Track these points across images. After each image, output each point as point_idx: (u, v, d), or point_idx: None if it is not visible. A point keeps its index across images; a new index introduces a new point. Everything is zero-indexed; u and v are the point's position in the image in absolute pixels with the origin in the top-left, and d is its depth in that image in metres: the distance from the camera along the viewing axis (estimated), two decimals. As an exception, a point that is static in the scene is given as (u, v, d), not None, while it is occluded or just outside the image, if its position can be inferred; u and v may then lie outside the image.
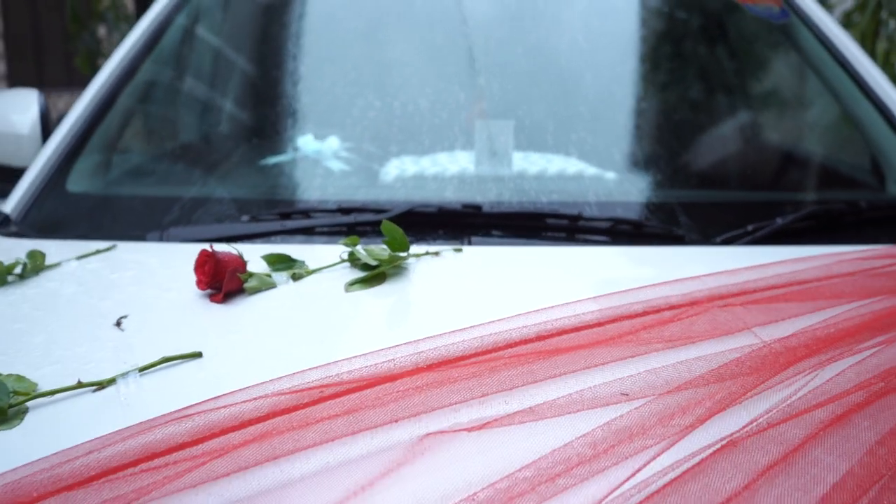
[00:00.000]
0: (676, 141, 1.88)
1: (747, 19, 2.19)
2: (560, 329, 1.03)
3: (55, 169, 1.76)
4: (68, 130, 1.83)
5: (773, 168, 1.90)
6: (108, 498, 0.76)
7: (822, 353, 0.98)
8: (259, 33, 2.24)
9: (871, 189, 1.87)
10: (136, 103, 2.00)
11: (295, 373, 0.92)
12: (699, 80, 2.10)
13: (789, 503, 0.74)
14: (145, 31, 2.05)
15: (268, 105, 2.07)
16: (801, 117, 2.08)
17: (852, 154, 2.00)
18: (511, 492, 0.76)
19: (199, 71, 2.20)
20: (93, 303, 1.20)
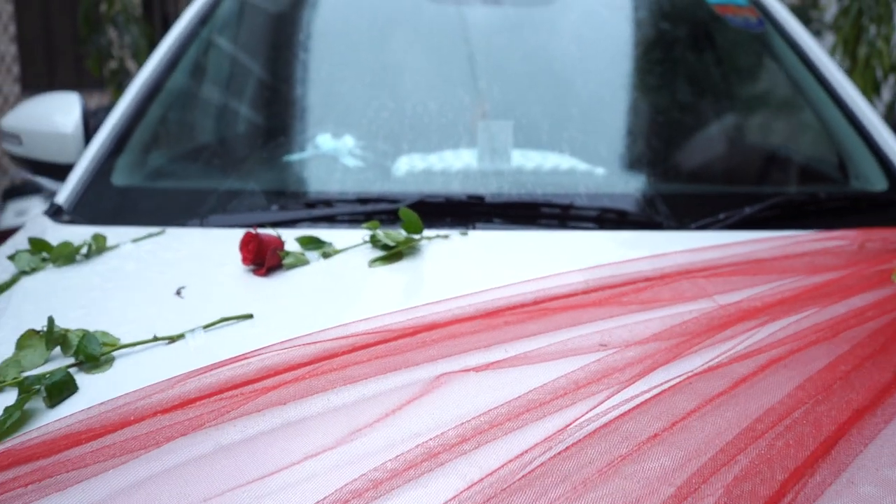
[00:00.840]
0: (659, 140, 2.08)
1: (726, 29, 2.39)
2: (551, 295, 1.23)
3: (100, 165, 1.95)
4: (110, 132, 2.03)
5: (745, 164, 2.10)
6: (187, 419, 0.96)
7: (766, 314, 1.18)
8: (278, 43, 2.43)
9: (837, 183, 2.07)
10: (169, 107, 2.20)
11: (332, 328, 1.12)
12: (680, 86, 2.29)
13: (732, 423, 0.95)
14: (174, 43, 2.25)
15: (287, 107, 2.27)
16: (773, 118, 2.27)
17: (821, 151, 2.20)
18: (510, 415, 0.96)
19: (223, 77, 2.39)
20: (153, 276, 1.40)
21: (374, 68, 2.28)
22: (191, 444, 0.93)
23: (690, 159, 2.05)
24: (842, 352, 1.10)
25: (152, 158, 2.10)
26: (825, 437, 0.93)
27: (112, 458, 0.92)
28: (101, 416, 0.97)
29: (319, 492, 0.85)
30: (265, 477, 0.88)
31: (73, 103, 2.23)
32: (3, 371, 1.08)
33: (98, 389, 1.05)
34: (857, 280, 1.31)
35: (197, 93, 2.32)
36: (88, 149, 2.01)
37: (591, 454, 0.89)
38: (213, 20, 2.37)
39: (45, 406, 1.03)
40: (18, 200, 5.35)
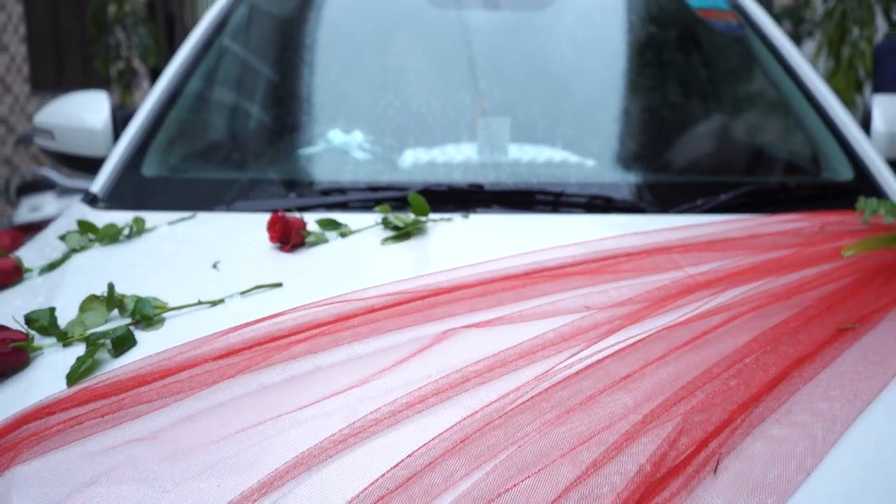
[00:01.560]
0: (644, 135, 2.26)
1: (709, 32, 2.56)
2: (543, 266, 1.41)
3: (131, 158, 2.13)
4: (138, 128, 2.20)
5: (723, 156, 2.27)
6: (233, 364, 1.14)
7: (729, 282, 1.36)
8: (290, 46, 2.60)
9: (809, 174, 2.25)
10: (191, 105, 2.37)
11: (351, 293, 1.30)
12: (665, 85, 2.47)
13: (693, 367, 1.12)
14: (193, 47, 2.42)
15: (300, 105, 2.44)
16: (751, 114, 2.45)
17: (795, 145, 2.37)
18: (505, 361, 1.14)
19: (240, 79, 2.57)
20: (190, 253, 1.58)
21: (381, 69, 2.45)
22: (237, 385, 1.11)
23: (673, 152, 2.23)
24: (791, 313, 1.28)
25: (177, 152, 2.28)
26: (770, 378, 1.11)
27: (171, 395, 1.10)
28: (161, 363, 1.14)
29: (347, 419, 1.02)
30: (301, 409, 1.06)
31: (102, 101, 2.41)
32: (71, 329, 1.26)
33: (153, 343, 1.23)
34: (811, 255, 1.49)
35: (216, 93, 2.49)
36: (119, 143, 2.18)
37: (575, 389, 1.07)
38: (228, 26, 2.54)
39: (109, 357, 1.20)
40: (32, 196, 5.53)
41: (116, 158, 2.14)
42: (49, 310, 1.28)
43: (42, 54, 7.83)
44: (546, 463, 0.96)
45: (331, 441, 0.99)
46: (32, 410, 1.07)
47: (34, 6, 7.73)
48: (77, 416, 1.07)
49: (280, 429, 1.03)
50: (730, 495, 0.94)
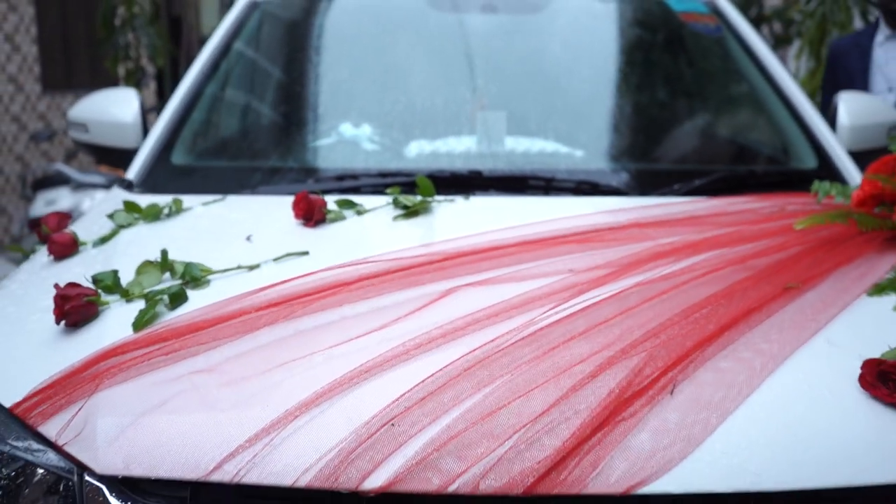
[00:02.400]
0: (628, 127, 2.48)
1: (689, 33, 2.78)
2: (534, 238, 1.63)
3: (161, 149, 2.34)
4: (166, 123, 2.41)
5: (700, 147, 2.49)
6: (273, 313, 1.36)
7: (693, 250, 1.58)
8: (302, 49, 2.81)
9: (778, 162, 2.47)
10: (212, 103, 2.58)
11: (370, 258, 1.52)
12: (648, 83, 2.69)
13: (657, 316, 1.34)
14: (213, 51, 2.63)
15: (312, 102, 2.65)
16: (727, 109, 2.67)
17: (767, 137, 2.59)
18: (500, 311, 1.36)
19: (256, 79, 2.78)
20: (225, 228, 1.80)
21: (387, 68, 2.67)
22: (277, 330, 1.33)
23: (654, 143, 2.45)
24: (745, 275, 1.50)
25: (202, 143, 2.50)
26: (722, 325, 1.33)
27: (223, 338, 1.32)
28: (212, 312, 1.37)
29: (370, 355, 1.24)
30: (332, 347, 1.28)
31: (131, 98, 2.62)
32: (131, 288, 1.48)
33: (201, 300, 1.44)
34: (768, 228, 1.71)
35: (235, 91, 2.70)
36: (149, 136, 2.40)
37: (559, 332, 1.29)
38: (244, 30, 2.75)
39: (166, 310, 1.42)
40: (47, 191, 5.74)
41: (148, 149, 2.35)
42: (113, 272, 1.50)
43: (52, 55, 8.05)
44: (534, 386, 1.18)
45: (358, 371, 1.22)
46: (110, 349, 1.30)
47: (45, 8, 7.94)
48: (146, 353, 1.29)
49: (315, 363, 1.25)
50: (682, 412, 1.16)
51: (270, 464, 1.12)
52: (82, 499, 1.16)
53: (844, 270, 1.57)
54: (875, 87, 3.67)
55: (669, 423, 1.15)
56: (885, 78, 3.67)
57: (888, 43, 3.65)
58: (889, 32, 3.64)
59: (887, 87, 3.67)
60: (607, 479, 1.10)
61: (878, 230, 1.70)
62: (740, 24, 2.74)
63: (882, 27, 3.66)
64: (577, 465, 1.10)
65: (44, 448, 1.20)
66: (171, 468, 1.13)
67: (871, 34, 3.72)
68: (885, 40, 3.65)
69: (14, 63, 7.47)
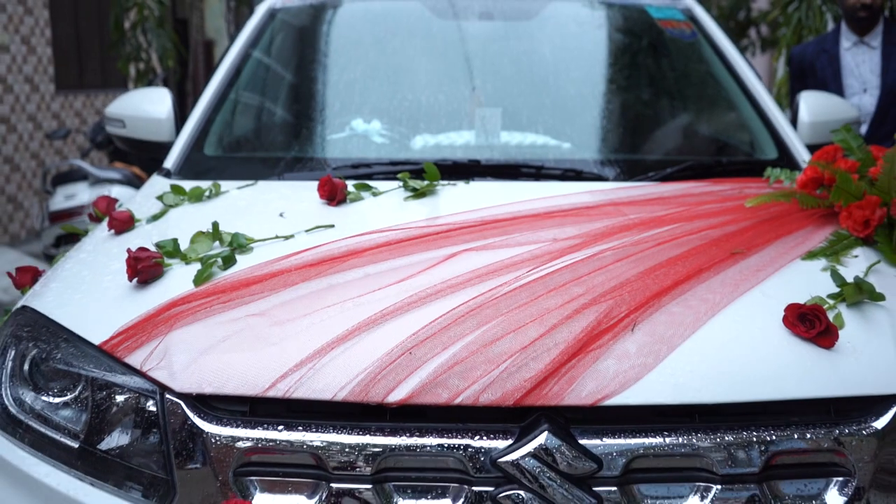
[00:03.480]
0: (610, 122, 2.77)
1: (666, 38, 3.08)
2: (524, 213, 1.92)
3: (194, 142, 2.64)
4: (198, 119, 2.70)
5: (674, 139, 2.79)
6: (308, 271, 1.66)
7: (657, 223, 1.88)
8: (317, 53, 3.10)
9: (743, 153, 2.76)
10: (237, 102, 2.87)
11: (385, 228, 1.81)
12: (629, 83, 2.99)
13: (621, 274, 1.64)
14: (236, 56, 2.91)
15: (326, 100, 2.95)
16: (699, 105, 2.97)
17: (735, 130, 2.89)
18: (494, 269, 1.65)
19: (275, 80, 3.07)
20: (259, 207, 2.10)
21: (393, 70, 2.97)
22: (313, 284, 1.63)
23: (633, 135, 2.75)
24: (699, 243, 1.79)
25: (231, 137, 2.79)
26: (676, 280, 1.63)
27: (269, 290, 1.61)
28: (258, 271, 1.67)
29: (390, 302, 1.54)
30: (359, 297, 1.57)
31: (165, 96, 2.91)
32: (189, 252, 1.77)
33: (248, 262, 1.74)
34: (724, 206, 2.01)
35: (257, 91, 3.00)
36: (183, 131, 2.69)
37: (543, 285, 1.59)
38: (264, 37, 3.05)
39: (219, 270, 1.72)
40: (66, 186, 6.03)
41: (182, 143, 2.64)
42: (173, 240, 1.80)
43: (65, 56, 8.33)
44: (522, 325, 1.48)
45: (380, 314, 1.52)
46: (178, 299, 1.60)
47: (58, 12, 8.23)
48: (208, 302, 1.59)
49: (346, 308, 1.55)
50: (640, 344, 1.46)
51: (314, 383, 1.41)
52: (164, 413, 1.46)
53: (785, 240, 1.86)
54: (849, 89, 3.97)
55: (630, 352, 1.45)
56: (858, 80, 3.97)
57: (855, 48, 3.95)
58: (855, 39, 3.94)
59: (862, 88, 3.98)
60: (579, 393, 1.40)
61: (817, 208, 2.01)
62: (713, 29, 3.04)
63: (847, 34, 3.96)
64: (556, 383, 1.40)
65: (130, 374, 1.50)
66: (234, 387, 1.43)
67: (834, 40, 4.01)
68: (851, 46, 3.95)
69: (30, 64, 7.76)
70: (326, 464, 1.41)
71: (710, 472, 1.42)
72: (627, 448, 1.40)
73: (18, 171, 7.64)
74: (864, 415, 1.45)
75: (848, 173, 1.98)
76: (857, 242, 1.87)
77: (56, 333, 1.63)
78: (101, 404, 1.52)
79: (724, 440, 1.41)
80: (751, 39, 9.63)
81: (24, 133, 7.70)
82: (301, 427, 1.42)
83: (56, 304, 1.71)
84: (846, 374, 1.46)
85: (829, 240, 1.87)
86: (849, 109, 2.97)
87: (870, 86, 3.98)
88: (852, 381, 1.46)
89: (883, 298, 1.62)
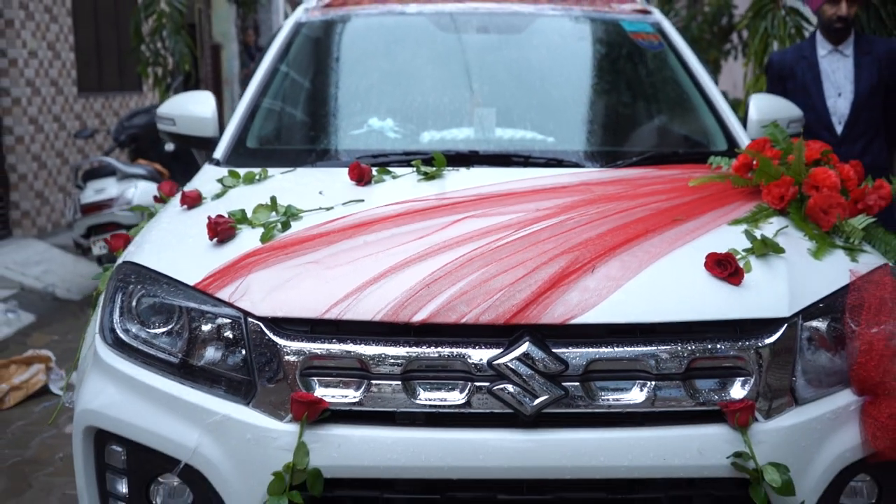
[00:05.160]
0: (587, 120, 3.30)
1: (637, 48, 3.60)
2: (515, 190, 2.45)
3: (239, 136, 3.15)
4: (240, 117, 3.22)
5: (641, 134, 3.31)
6: (347, 232, 2.18)
7: (617, 198, 2.40)
8: (336, 63, 3.61)
9: (699, 146, 3.27)
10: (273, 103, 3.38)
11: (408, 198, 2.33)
12: (605, 86, 3.51)
13: (584, 233, 2.16)
14: (270, 63, 3.42)
15: (347, 102, 3.46)
16: (664, 105, 3.49)
17: (694, 127, 3.40)
18: (489, 230, 2.18)
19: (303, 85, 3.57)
20: (300, 187, 2.61)
21: (404, 76, 3.48)
22: (352, 241, 2.15)
23: (606, 131, 3.28)
24: (649, 213, 2.31)
25: (268, 131, 3.31)
26: (627, 238, 2.15)
27: (320, 245, 2.13)
28: (309, 232, 2.19)
29: (412, 252, 2.06)
30: (387, 250, 2.09)
31: (209, 98, 3.42)
32: (253, 219, 2.29)
33: (299, 226, 2.25)
34: (672, 186, 2.53)
35: (289, 94, 3.51)
36: (228, 127, 3.20)
37: (523, 242, 2.11)
38: (292, 48, 3.55)
39: (278, 232, 2.23)
40: (96, 181, 6.55)
41: (228, 137, 3.16)
42: (241, 209, 2.31)
43: (86, 61, 8.85)
44: (510, 268, 2.01)
45: (405, 261, 2.04)
46: (251, 251, 2.12)
47: (80, 19, 8.75)
48: (274, 254, 2.11)
49: (380, 257, 2.07)
50: (597, 281, 1.98)
51: (357, 309, 1.94)
52: (247, 332, 1.98)
53: (717, 211, 2.39)
54: (826, 92, 4.43)
55: (590, 286, 1.97)
56: (833, 85, 4.43)
57: (830, 56, 4.42)
58: (830, 48, 4.41)
59: (837, 92, 4.44)
60: (553, 315, 1.92)
61: (745, 187, 2.53)
62: (678, 41, 3.57)
63: (823, 42, 4.41)
64: (535, 307, 1.92)
65: (221, 306, 2.02)
66: (300, 312, 1.95)
67: (811, 48, 4.46)
68: (827, 53, 4.43)
69: (55, 68, 8.27)
70: (368, 366, 1.93)
71: (648, 372, 1.94)
72: (587, 354, 1.93)
73: (45, 169, 8.16)
74: (760, 333, 1.98)
75: (769, 159, 2.50)
76: (774, 213, 2.39)
77: (156, 279, 2.14)
78: (197, 328, 2.04)
79: (658, 349, 1.94)
80: (733, 44, 10.15)
81: (49, 133, 8.21)
82: (349, 340, 1.94)
83: (152, 258, 2.23)
84: (748, 304, 1.99)
85: (752, 211, 2.39)
86: (791, 109, 3.48)
87: (844, 90, 4.41)
88: (752, 308, 1.99)
89: (783, 251, 2.14)
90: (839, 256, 2.22)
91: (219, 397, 2.00)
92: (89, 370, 2.19)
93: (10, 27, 7.65)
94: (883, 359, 1.99)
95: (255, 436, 1.95)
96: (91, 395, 2.13)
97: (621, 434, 1.93)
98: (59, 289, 6.89)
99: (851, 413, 2.01)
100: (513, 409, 1.91)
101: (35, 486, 3.80)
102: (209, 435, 1.98)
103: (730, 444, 1.92)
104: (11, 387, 4.67)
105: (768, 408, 1.96)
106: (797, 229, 2.33)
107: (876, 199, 2.45)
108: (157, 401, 2.04)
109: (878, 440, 1.97)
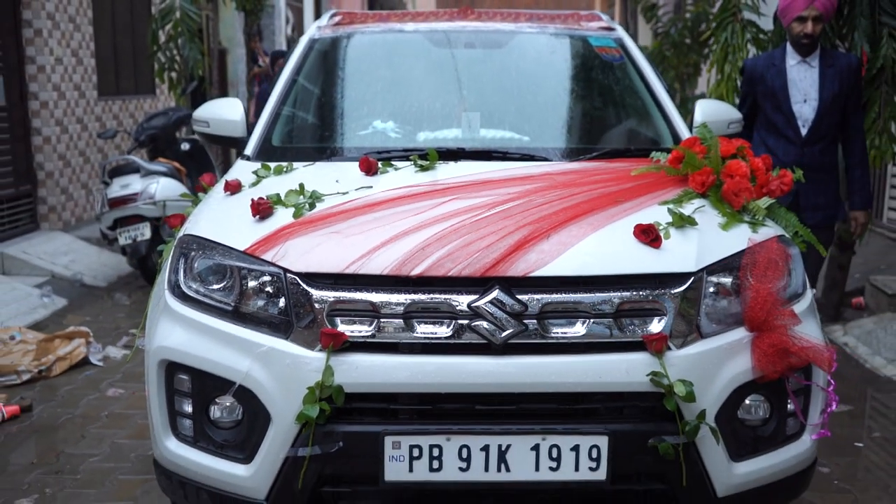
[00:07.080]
0: (558, 122, 3.93)
1: (601, 61, 4.23)
2: (493, 178, 3.08)
3: (266, 136, 3.79)
4: (266, 120, 3.85)
5: (602, 134, 3.94)
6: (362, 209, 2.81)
7: (575, 185, 3.03)
8: (345, 74, 4.25)
9: (652, 143, 3.90)
10: (293, 109, 4.01)
11: (408, 184, 2.97)
12: (573, 94, 4.14)
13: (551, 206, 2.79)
14: (289, 74, 4.06)
15: (355, 108, 4.09)
16: (623, 110, 4.12)
17: (648, 129, 4.03)
18: (473, 208, 2.81)
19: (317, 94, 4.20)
20: (320, 178, 3.24)
21: (403, 85, 4.12)
22: (365, 216, 2.78)
23: (573, 131, 3.91)
24: (596, 195, 2.94)
25: (288, 132, 3.95)
26: (576, 214, 2.78)
27: (339, 220, 2.77)
28: (330, 210, 2.82)
29: (411, 224, 2.70)
30: (393, 223, 2.72)
31: (238, 104, 4.05)
32: (286, 201, 2.92)
33: (322, 206, 2.89)
34: (618, 174, 3.17)
35: (306, 101, 4.14)
36: (256, 129, 3.83)
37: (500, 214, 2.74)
38: (307, 61, 4.19)
39: (306, 210, 2.86)
40: (122, 177, 7.18)
41: (256, 137, 3.79)
42: (276, 193, 2.94)
43: (106, 66, 9.48)
44: (486, 235, 2.64)
45: (406, 230, 2.67)
46: (287, 225, 2.76)
47: (100, 27, 9.38)
48: (304, 226, 2.75)
49: (386, 228, 2.70)
50: (551, 244, 2.62)
51: (371, 265, 2.57)
52: (286, 285, 2.61)
53: (652, 194, 3.02)
54: (793, 98, 5.03)
55: (545, 249, 2.60)
56: (800, 92, 5.05)
57: (799, 66, 5.03)
58: (799, 59, 5.03)
59: (803, 98, 5.05)
60: (517, 269, 2.55)
61: (676, 175, 3.16)
62: (636, 54, 4.21)
63: (792, 53, 5.02)
64: (503, 263, 2.56)
65: (266, 265, 2.65)
66: (327, 268, 2.59)
67: (781, 58, 5.05)
68: (796, 63, 5.04)
69: (78, 73, 8.89)
70: (377, 308, 2.56)
71: (588, 312, 2.57)
72: (542, 299, 2.56)
73: (69, 167, 8.79)
74: (673, 283, 2.61)
75: (695, 153, 3.14)
76: (696, 196, 3.03)
77: (213, 246, 2.78)
78: (245, 283, 2.68)
79: (596, 296, 2.57)
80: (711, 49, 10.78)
81: (73, 133, 8.85)
82: (363, 289, 2.58)
83: (208, 230, 2.86)
84: (664, 261, 2.63)
85: (679, 194, 3.03)
86: (731, 112, 4.11)
87: (809, 97, 5.02)
88: (667, 265, 2.62)
89: (696, 223, 2.78)
90: (743, 229, 2.86)
91: (264, 333, 2.63)
92: (160, 318, 2.82)
93: (39, 36, 8.27)
94: (767, 303, 2.63)
95: (292, 362, 2.58)
96: (163, 336, 2.77)
97: (568, 359, 2.56)
98: (87, 276, 7.52)
99: (744, 345, 2.65)
100: (486, 340, 2.54)
101: (87, 437, 4.44)
102: (257, 362, 2.61)
103: (649, 367, 2.55)
104: (57, 357, 5.31)
105: (680, 340, 2.60)
106: (713, 209, 2.97)
107: (778, 185, 3.09)
108: (215, 338, 2.68)
109: (763, 364, 2.61)
